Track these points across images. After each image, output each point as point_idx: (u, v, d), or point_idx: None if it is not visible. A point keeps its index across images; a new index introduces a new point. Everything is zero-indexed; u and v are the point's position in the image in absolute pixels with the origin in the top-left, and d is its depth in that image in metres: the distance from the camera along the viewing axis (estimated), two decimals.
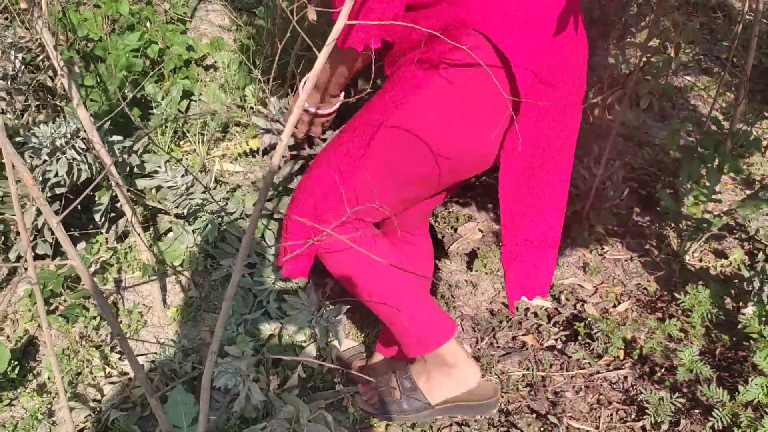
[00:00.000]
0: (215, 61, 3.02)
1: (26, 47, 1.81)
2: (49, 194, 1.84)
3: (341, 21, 0.75)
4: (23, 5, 1.44)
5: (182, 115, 2.64)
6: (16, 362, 1.72)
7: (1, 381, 1.65)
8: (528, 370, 1.95)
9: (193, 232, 2.15)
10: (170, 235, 2.21)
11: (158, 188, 2.19)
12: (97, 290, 1.04)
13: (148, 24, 2.87)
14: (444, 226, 2.51)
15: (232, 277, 0.90)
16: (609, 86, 2.88)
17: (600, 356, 1.96)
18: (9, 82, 1.83)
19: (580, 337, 2.00)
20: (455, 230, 2.50)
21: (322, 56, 0.78)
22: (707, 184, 2.32)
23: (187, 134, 2.68)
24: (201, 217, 2.11)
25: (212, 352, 0.97)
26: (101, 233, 2.14)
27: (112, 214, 2.15)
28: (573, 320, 2.09)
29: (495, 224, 2.53)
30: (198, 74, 2.98)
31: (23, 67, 1.81)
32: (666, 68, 2.42)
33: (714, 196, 2.33)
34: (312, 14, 0.80)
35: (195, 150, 2.68)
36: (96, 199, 2.09)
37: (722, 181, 2.52)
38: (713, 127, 2.35)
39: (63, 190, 1.83)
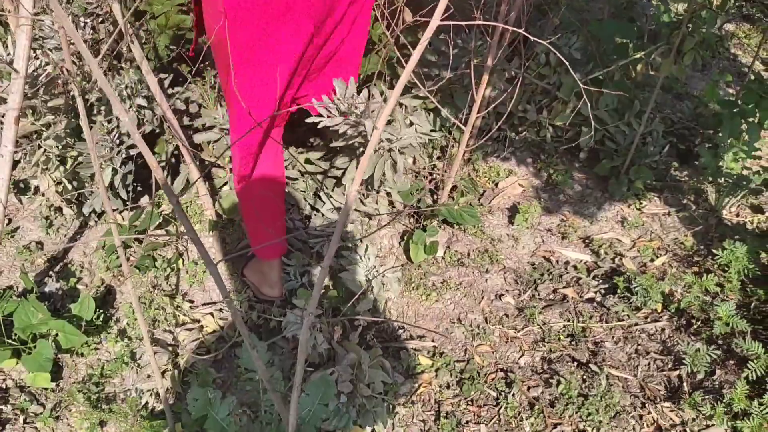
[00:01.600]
0: None
1: (93, 12, 1.88)
2: (122, 149, 1.94)
3: None
4: None
5: None
6: (100, 310, 1.87)
7: (88, 328, 1.80)
8: (569, 321, 2.07)
9: None
10: (225, 188, 2.32)
11: (215, 142, 2.28)
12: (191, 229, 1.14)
13: None
14: (485, 180, 2.58)
15: (327, 254, 1.00)
16: (651, 40, 2.88)
17: (638, 309, 2.06)
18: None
19: (619, 291, 2.10)
20: (496, 185, 2.58)
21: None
22: (747, 139, 2.36)
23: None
24: None
25: (309, 314, 1.08)
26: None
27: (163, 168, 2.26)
28: (612, 274, 2.19)
29: (535, 179, 2.60)
30: None
31: (91, 31, 1.88)
32: (712, 24, 2.42)
33: (754, 153, 2.37)
34: None
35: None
36: (156, 153, 2.19)
37: (761, 135, 2.55)
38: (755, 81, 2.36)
39: (134, 151, 1.93)
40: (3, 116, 1.52)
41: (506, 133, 2.69)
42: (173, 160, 2.26)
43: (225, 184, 2.32)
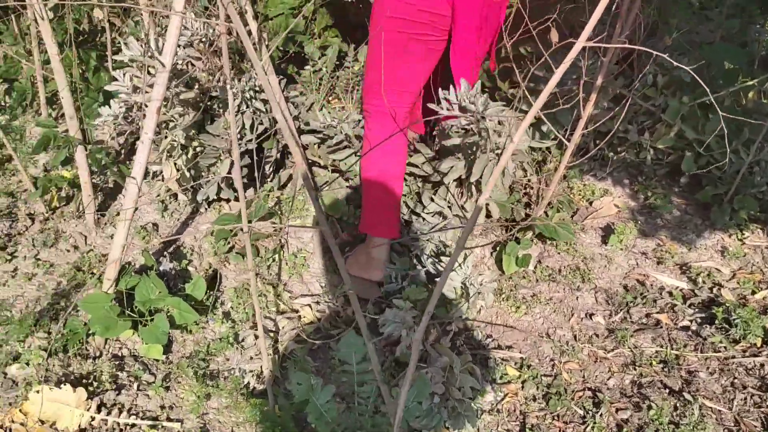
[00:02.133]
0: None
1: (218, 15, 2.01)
2: (241, 144, 2.07)
3: None
4: None
5: (336, 73, 2.80)
6: (208, 291, 1.99)
7: (197, 307, 1.92)
8: (662, 347, 2.03)
9: (348, 186, 2.34)
10: (326, 187, 2.42)
11: (319, 143, 2.39)
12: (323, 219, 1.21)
13: None
14: (579, 198, 2.57)
15: (450, 259, 1.05)
16: (762, 66, 2.78)
17: (737, 342, 2.01)
18: (206, 46, 2.04)
19: (717, 322, 2.05)
20: (590, 203, 2.56)
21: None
22: None
23: (335, 90, 2.86)
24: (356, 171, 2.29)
25: (428, 312, 1.14)
26: (268, 182, 2.38)
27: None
28: (710, 304, 2.14)
29: (631, 201, 2.57)
30: (347, 31, 3.12)
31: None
32: None
33: None
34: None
35: (344, 107, 2.86)
36: (265, 150, 2.31)
37: None
38: None
39: (252, 146, 2.05)
40: (146, 106, 1.66)
41: (604, 152, 2.67)
42: (278, 155, 2.38)
43: (326, 183, 2.41)
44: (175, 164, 2.09)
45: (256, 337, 1.89)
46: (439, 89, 1.88)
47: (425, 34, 1.71)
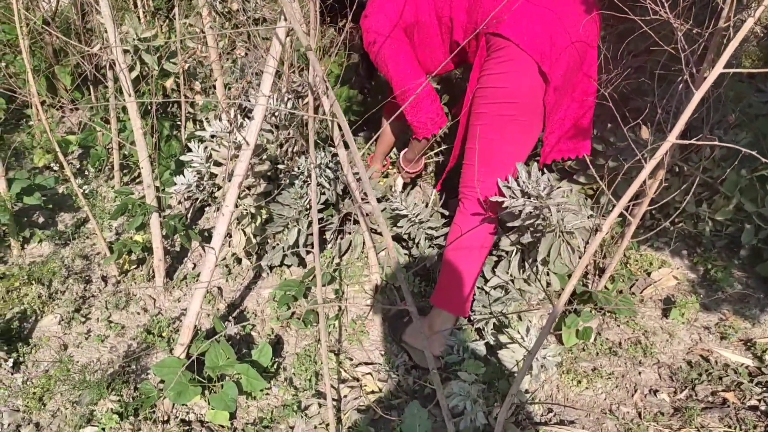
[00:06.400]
0: None
1: (296, 90, 2.12)
2: (308, 214, 2.14)
3: None
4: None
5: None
6: (273, 357, 2.03)
7: (264, 374, 1.96)
8: (730, 428, 1.98)
9: (407, 254, 2.39)
10: (382, 254, 2.46)
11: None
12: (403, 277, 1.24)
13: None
14: (636, 268, 2.56)
15: (537, 341, 1.08)
16: None
17: None
18: (279, 118, 2.15)
19: None
20: (648, 274, 2.54)
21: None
22: None
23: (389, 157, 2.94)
24: (417, 239, 2.34)
25: (511, 394, 1.16)
26: (328, 248, 2.44)
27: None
28: None
29: (690, 273, 2.54)
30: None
31: (293, 106, 2.12)
32: None
33: None
34: None
35: (397, 170, 2.93)
36: (325, 218, 2.38)
37: None
38: None
39: (320, 215, 2.12)
40: (222, 177, 1.74)
41: (661, 222, 2.66)
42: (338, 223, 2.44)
43: (383, 249, 2.46)
44: (243, 231, 2.16)
45: (320, 405, 1.91)
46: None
47: (522, 114, 1.78)
